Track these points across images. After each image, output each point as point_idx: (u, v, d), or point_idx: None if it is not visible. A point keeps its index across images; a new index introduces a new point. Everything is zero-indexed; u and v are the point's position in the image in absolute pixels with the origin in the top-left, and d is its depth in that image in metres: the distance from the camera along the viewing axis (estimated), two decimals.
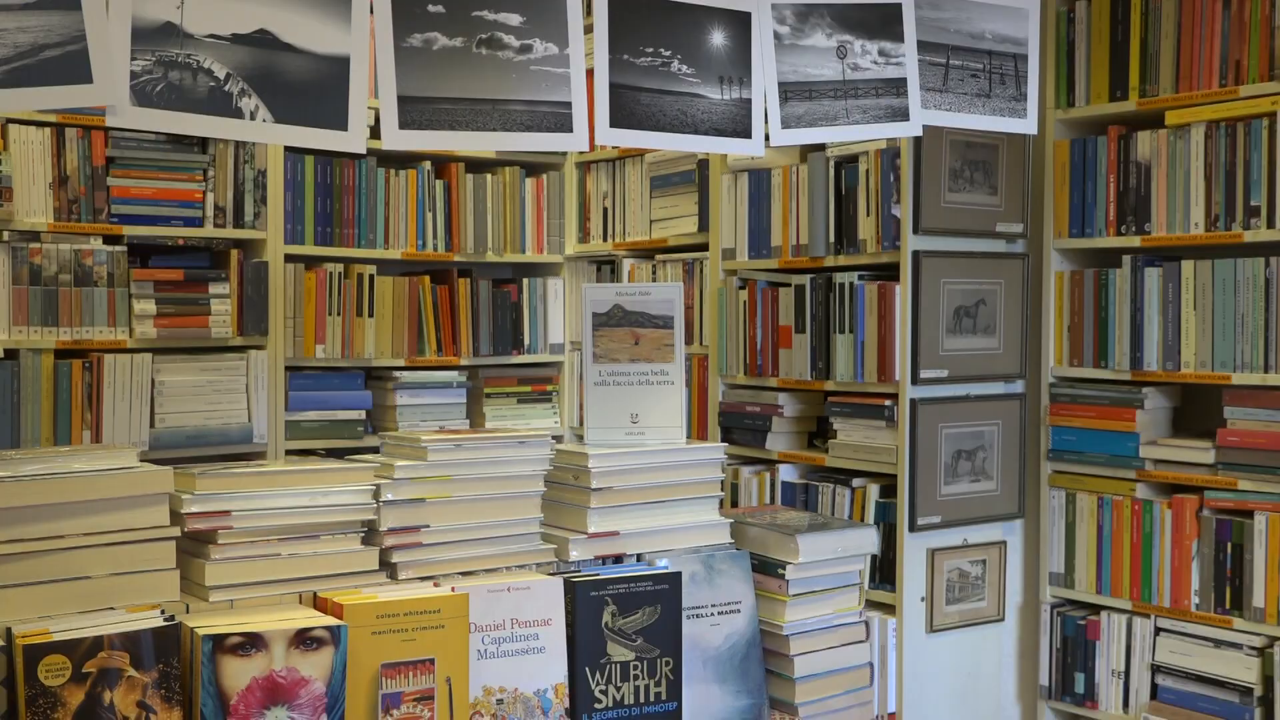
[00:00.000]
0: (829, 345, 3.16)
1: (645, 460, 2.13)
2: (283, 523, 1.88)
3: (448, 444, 2.00)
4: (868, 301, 3.05)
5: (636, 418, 2.18)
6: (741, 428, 3.40)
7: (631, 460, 2.12)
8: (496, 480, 2.03)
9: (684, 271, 3.63)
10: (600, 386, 2.18)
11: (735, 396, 3.44)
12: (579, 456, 2.11)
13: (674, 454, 2.16)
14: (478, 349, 3.82)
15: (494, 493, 2.02)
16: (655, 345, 2.17)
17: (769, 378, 3.33)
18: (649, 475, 2.13)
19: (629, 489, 2.12)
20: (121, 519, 1.75)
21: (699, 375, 3.57)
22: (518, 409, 3.92)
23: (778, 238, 3.31)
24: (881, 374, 3.01)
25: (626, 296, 2.18)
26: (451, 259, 3.79)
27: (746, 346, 3.40)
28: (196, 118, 1.73)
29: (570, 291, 4.01)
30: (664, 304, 2.17)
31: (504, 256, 3.89)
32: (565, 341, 4.02)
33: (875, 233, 3.04)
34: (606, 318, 2.18)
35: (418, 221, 3.72)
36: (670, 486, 2.15)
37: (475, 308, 3.82)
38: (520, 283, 3.95)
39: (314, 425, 3.53)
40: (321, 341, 3.54)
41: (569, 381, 4.01)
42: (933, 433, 2.97)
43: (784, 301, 3.30)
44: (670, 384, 2.18)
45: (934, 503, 2.97)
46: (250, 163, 3.41)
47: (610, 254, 3.88)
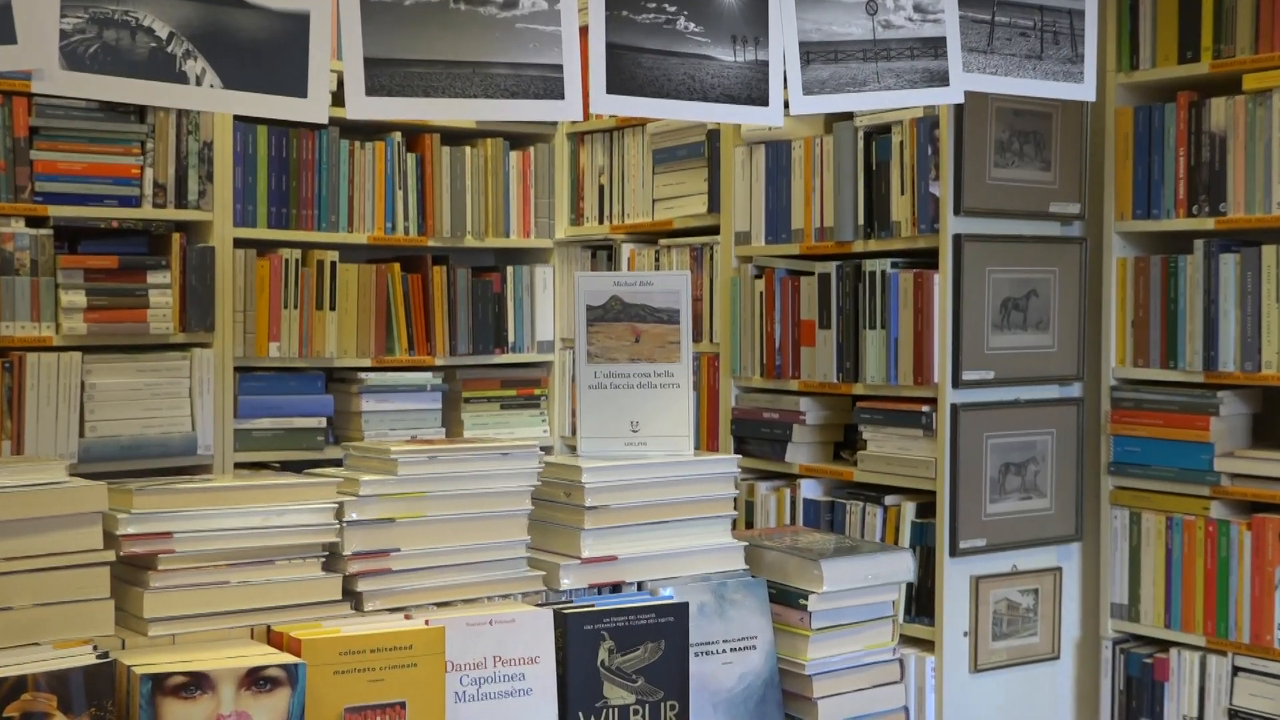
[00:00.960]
0: (857, 343, 3.16)
1: (647, 475, 2.14)
2: (232, 546, 1.88)
3: (421, 456, 2.01)
4: (902, 292, 3.05)
5: (637, 426, 2.19)
6: (757, 437, 3.40)
7: (631, 474, 2.13)
8: (477, 497, 2.03)
9: (691, 258, 3.64)
10: (596, 390, 2.19)
11: (750, 402, 3.45)
12: (571, 470, 2.12)
13: (680, 467, 2.17)
14: (455, 347, 3.83)
15: (474, 511, 2.03)
16: (659, 343, 2.18)
17: (789, 380, 3.34)
18: (651, 492, 2.14)
19: (628, 507, 2.13)
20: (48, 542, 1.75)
21: (709, 377, 3.57)
22: (501, 416, 3.93)
23: (799, 220, 3.32)
24: (918, 376, 3.02)
25: (626, 287, 2.19)
26: (425, 244, 3.80)
27: (763, 344, 3.40)
28: (134, 83, 1.72)
29: (561, 281, 4.02)
30: (669, 295, 2.18)
31: (485, 241, 3.89)
32: (555, 339, 4.02)
33: (911, 214, 3.05)
34: (603, 311, 2.19)
35: (386, 201, 3.73)
36: (676, 505, 2.16)
37: (452, 300, 3.83)
38: (504, 271, 3.96)
39: (267, 434, 3.54)
40: (276, 339, 3.55)
41: (560, 384, 4.02)
42: (977, 443, 2.98)
43: (806, 293, 3.30)
44: (675, 387, 2.19)
45: (978, 523, 2.98)
46: (195, 134, 3.42)
47: (607, 238, 3.88)
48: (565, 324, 4.00)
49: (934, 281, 2.99)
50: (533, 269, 3.99)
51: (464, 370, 3.89)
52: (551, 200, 4.00)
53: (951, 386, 2.96)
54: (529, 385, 3.98)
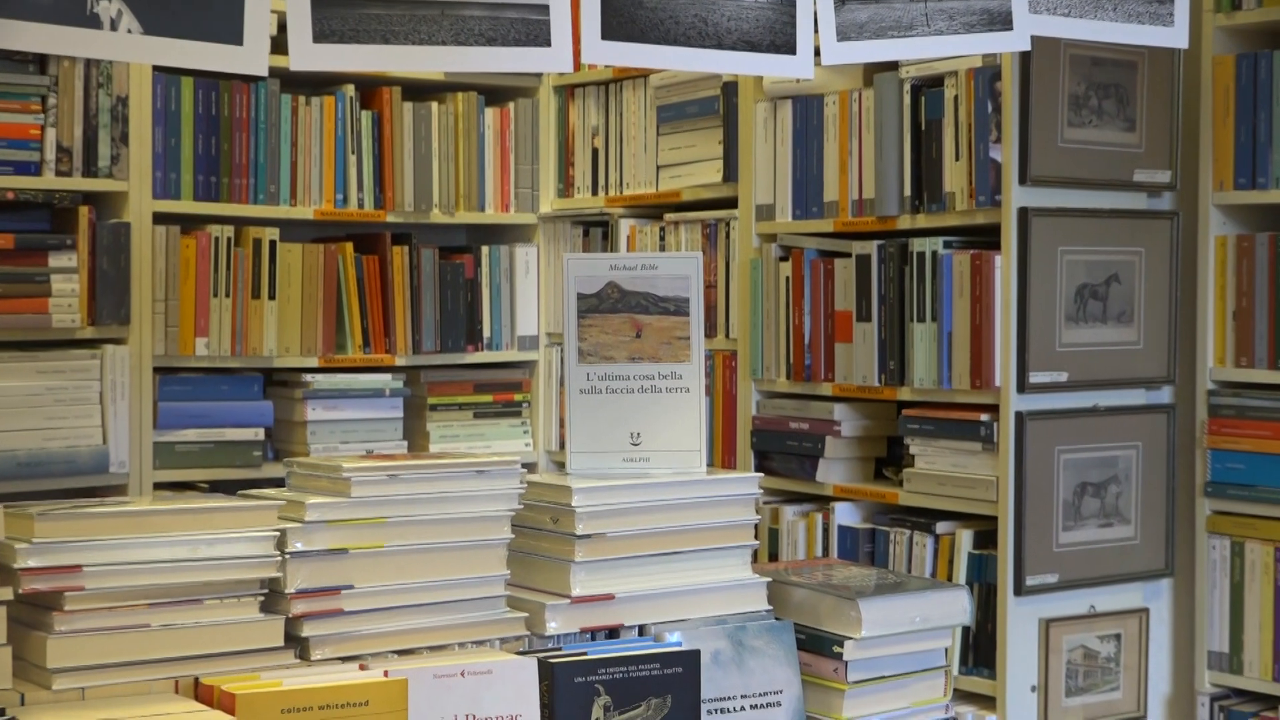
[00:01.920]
0: (903, 339, 3.16)
1: (650, 496, 2.14)
2: (152, 582, 1.89)
3: (378, 474, 2.01)
4: (957, 278, 3.06)
5: (638, 438, 2.20)
6: (783, 452, 3.40)
7: (631, 496, 2.13)
8: (446, 524, 2.04)
9: (704, 237, 3.64)
10: (589, 396, 2.20)
11: (774, 409, 3.45)
12: (559, 491, 2.12)
13: (690, 488, 2.17)
14: (419, 344, 3.83)
15: (443, 541, 2.04)
16: (664, 338, 2.19)
17: (820, 383, 3.34)
18: (655, 517, 2.14)
19: (628, 536, 2.13)
20: None
21: (724, 380, 3.57)
22: (474, 426, 3.93)
23: (832, 190, 3.32)
24: (976, 378, 3.03)
25: (625, 271, 2.19)
26: (383, 219, 3.80)
27: (790, 340, 3.40)
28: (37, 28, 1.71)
29: (547, 265, 4.02)
30: (676, 282, 2.19)
31: (455, 216, 3.90)
32: (540, 334, 4.02)
33: (967, 183, 3.05)
34: (597, 301, 2.19)
35: (337, 168, 3.74)
36: (685, 533, 2.16)
37: (416, 287, 3.83)
38: (478, 252, 3.95)
39: (193, 449, 3.55)
40: (204, 334, 3.56)
41: (545, 389, 4.02)
42: (1047, 459, 2.98)
43: (842, 278, 3.30)
44: (684, 392, 2.20)
45: (1049, 555, 2.99)
46: (106, 88, 3.42)
47: (602, 212, 3.88)
48: (552, 316, 4.01)
49: (995, 264, 2.99)
50: (512, 249, 3.99)
51: (430, 372, 3.89)
52: (535, 167, 4.01)
53: (1016, 391, 2.96)
54: (508, 390, 3.98)
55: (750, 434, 3.46)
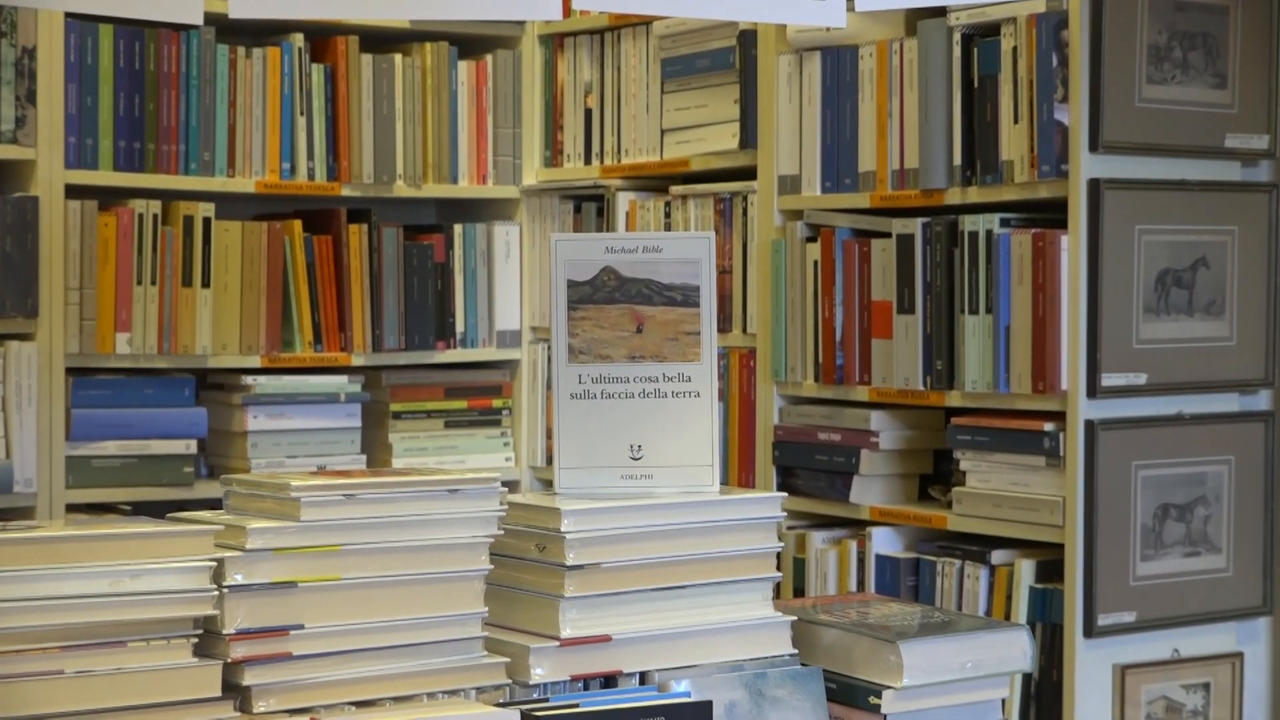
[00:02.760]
0: (952, 334, 3.16)
1: (654, 520, 2.14)
2: (66, 621, 1.88)
3: (333, 494, 2.01)
4: (1016, 262, 3.06)
5: (639, 451, 2.19)
6: (811, 468, 3.39)
7: (631, 520, 2.13)
8: (413, 553, 2.04)
9: (717, 214, 3.63)
10: (581, 402, 2.20)
11: (801, 417, 3.44)
12: (546, 514, 2.12)
13: (701, 510, 2.17)
14: (380, 340, 3.82)
15: (409, 573, 2.04)
16: (670, 334, 2.19)
17: (855, 387, 3.34)
18: (660, 544, 2.14)
19: (627, 567, 2.13)
20: None
21: (741, 382, 3.56)
22: (446, 437, 3.92)
23: (869, 159, 3.32)
24: (1039, 380, 3.03)
25: (624, 255, 2.19)
26: (337, 193, 3.80)
27: (818, 336, 3.39)
28: None
29: (532, 246, 4.01)
30: (684, 267, 2.18)
31: (423, 189, 3.89)
32: (523, 328, 4.02)
33: (1028, 150, 3.05)
34: (591, 289, 2.19)
35: (283, 132, 3.73)
36: (695, 564, 2.16)
37: (376, 272, 3.82)
38: (449, 232, 3.95)
39: (114, 464, 3.54)
40: (126, 328, 3.56)
41: (530, 393, 4.01)
42: (1122, 476, 2.98)
43: (880, 262, 3.29)
44: (694, 397, 2.19)
45: (1125, 590, 2.98)
46: (10, 37, 3.42)
47: (597, 184, 3.88)
48: (537, 307, 4.00)
49: (1060, 246, 2.99)
50: (490, 229, 3.98)
51: (393, 373, 3.88)
52: (517, 131, 4.00)
53: (1086, 396, 2.96)
54: (485, 394, 3.97)
55: (772, 447, 3.45)
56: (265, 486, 2.05)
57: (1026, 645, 2.29)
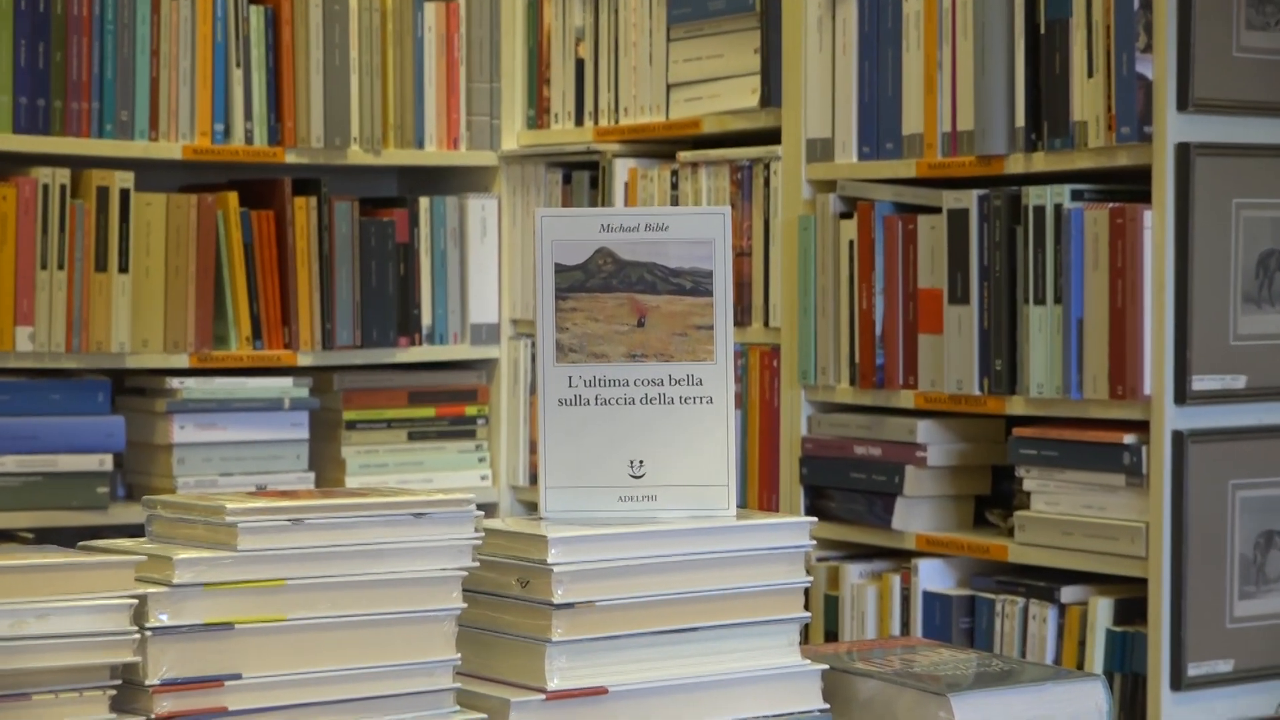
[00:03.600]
0: (1014, 328, 3.16)
1: (658, 550, 2.13)
2: None
3: (276, 519, 2.00)
4: (1090, 242, 3.06)
5: (641, 468, 2.19)
6: (846, 487, 3.39)
7: (631, 549, 2.12)
8: (372, 589, 2.04)
9: (734, 185, 3.63)
10: (571, 409, 2.19)
11: (833, 427, 3.44)
12: (529, 543, 2.11)
13: (714, 538, 2.16)
14: (331, 336, 3.82)
15: (367, 613, 2.03)
16: (678, 328, 2.19)
17: (898, 391, 3.34)
18: (665, 579, 2.14)
19: (627, 605, 2.12)
20: None
21: (762, 386, 3.56)
22: (410, 451, 3.93)
23: (914, 119, 3.32)
24: (1117, 384, 3.03)
25: (622, 234, 2.19)
26: (280, 159, 3.80)
27: (855, 330, 3.39)
28: None
29: (512, 224, 4.01)
30: (694, 249, 2.18)
31: (382, 156, 3.89)
32: (502, 321, 4.02)
33: (1104, 109, 3.05)
34: (583, 275, 2.19)
35: (216, 88, 3.73)
36: (708, 602, 2.15)
37: (327, 255, 3.82)
38: (414, 207, 3.95)
39: (14, 483, 3.54)
40: (27, 321, 3.55)
41: (509, 399, 4.02)
42: (1217, 497, 2.97)
43: (928, 243, 3.30)
44: (706, 403, 2.19)
45: (1220, 634, 2.98)
46: None
47: (590, 150, 3.88)
48: (519, 297, 4.00)
49: (1143, 223, 2.99)
50: (463, 203, 3.98)
51: (347, 375, 3.89)
52: (495, 86, 4.00)
53: (1174, 402, 2.96)
54: (457, 400, 3.97)
55: (799, 463, 3.45)
56: (195, 510, 2.05)
57: (1102, 699, 2.29)
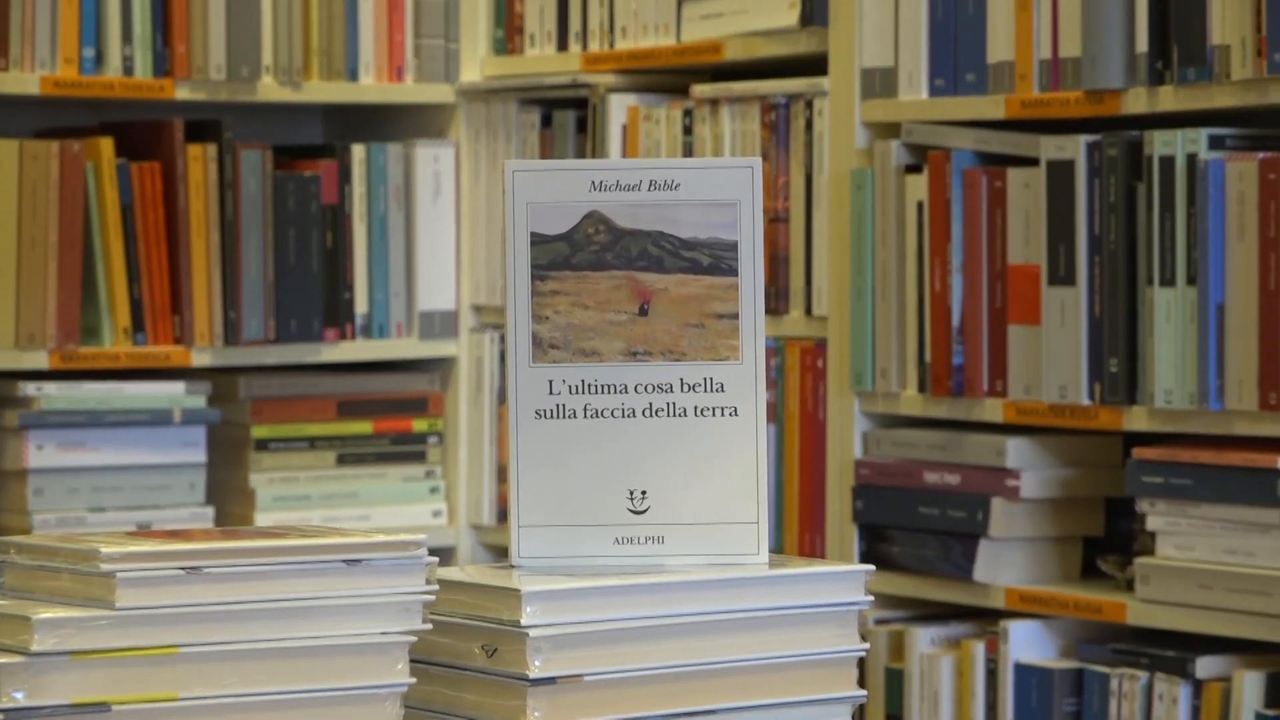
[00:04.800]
0: (1134, 316, 3.19)
1: (665, 607, 2.14)
2: None
3: (166, 567, 2.00)
4: (1234, 203, 3.08)
5: (643, 501, 2.19)
6: (913, 526, 3.42)
7: (630, 607, 2.13)
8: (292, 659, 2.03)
9: (766, 129, 3.65)
10: (553, 423, 2.19)
11: (896, 447, 3.47)
12: (498, 599, 2.11)
13: (739, 592, 2.16)
14: (236, 327, 3.84)
15: (285, 690, 2.03)
16: (692, 316, 2.19)
17: (981, 400, 3.36)
18: (675, 646, 2.15)
19: (623, 681, 2.13)
20: None
21: (804, 394, 3.59)
22: (340, 479, 3.97)
23: (1002, 45, 3.35)
24: (1269, 391, 3.05)
25: (620, 194, 2.19)
26: (169, 96, 3.82)
27: (925, 321, 3.42)
28: None
29: (474, 181, 4.05)
30: (714, 213, 2.18)
31: (303, 91, 3.93)
32: (461, 307, 4.06)
33: (1251, 30, 3.07)
34: (569, 248, 2.19)
35: (83, 3, 3.74)
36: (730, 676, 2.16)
37: (231, 221, 3.84)
38: (345, 157, 3.98)
39: None
40: None
41: (470, 409, 4.06)
42: None
43: (1021, 204, 3.32)
44: (729, 415, 2.19)
45: None
46: None
47: (577, 82, 3.91)
48: (483, 276, 4.04)
49: None
50: (409, 153, 4.02)
51: (257, 379, 3.93)
52: (451, 1, 4.04)
53: None
54: (402, 412, 4.00)
55: (851, 494, 3.47)
56: (60, 555, 2.04)
57: None
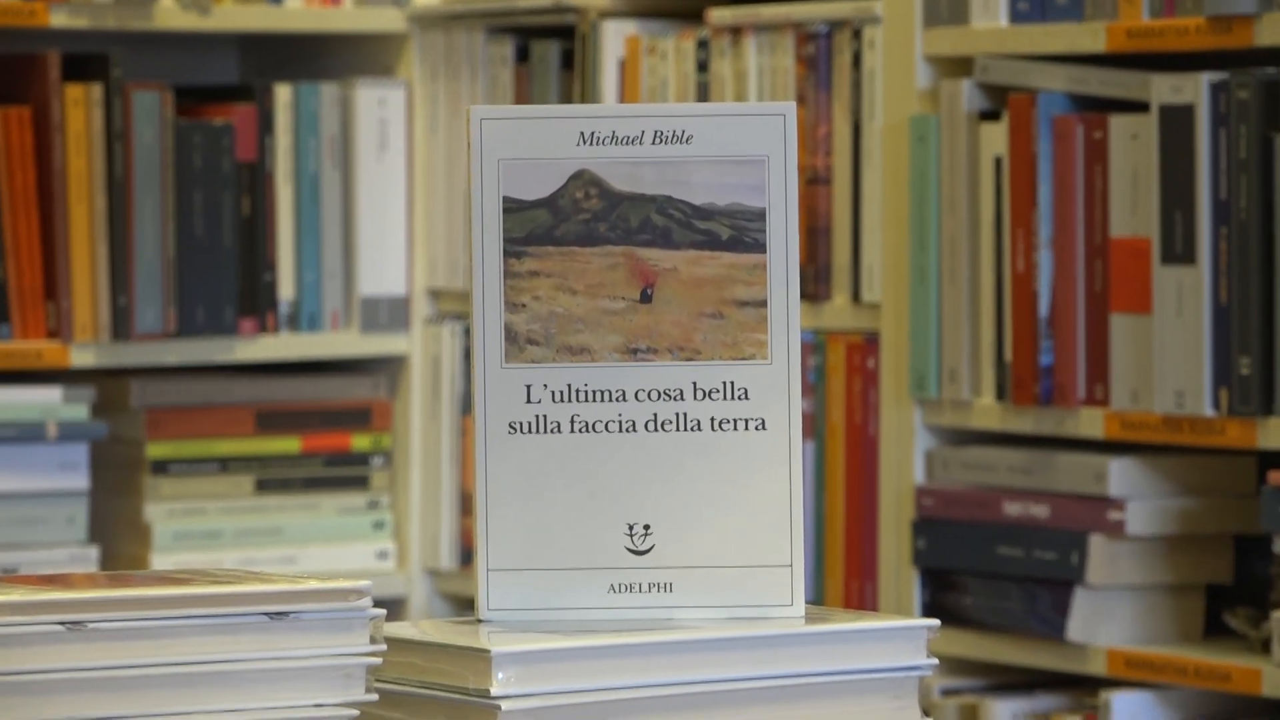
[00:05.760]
0: (1270, 306, 3.22)
1: (675, 675, 2.13)
2: None
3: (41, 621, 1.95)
4: None
5: (646, 538, 2.19)
6: (989, 571, 3.46)
7: (631, 673, 2.11)
8: None
9: (801, 65, 3.69)
10: (532, 439, 2.18)
11: (968, 469, 3.50)
12: (462, 662, 2.09)
13: (770, 653, 2.15)
14: (127, 317, 3.89)
15: None
16: (707, 304, 2.17)
17: (1076, 409, 3.39)
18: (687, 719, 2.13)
19: None
20: None
21: (850, 400, 3.63)
22: (261, 510, 4.02)
23: None
24: None
25: (616, 149, 2.17)
26: (41, 22, 3.85)
27: (1002, 309, 3.45)
28: None
29: (431, 129, 4.10)
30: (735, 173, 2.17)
31: (213, 16, 3.96)
32: (414, 292, 4.11)
33: None
34: (551, 216, 2.17)
35: None
36: None
37: (120, 181, 3.88)
38: (266, 101, 4.04)
39: None
40: None
41: (424, 422, 4.10)
42: None
43: (1127, 159, 3.35)
44: (755, 429, 2.18)
45: None
46: None
47: (561, 5, 3.96)
48: (441, 252, 4.09)
49: None
50: (348, 95, 4.07)
51: (154, 383, 3.98)
52: None
53: None
54: (338, 425, 4.05)
55: (911, 529, 3.51)
56: None
57: None
